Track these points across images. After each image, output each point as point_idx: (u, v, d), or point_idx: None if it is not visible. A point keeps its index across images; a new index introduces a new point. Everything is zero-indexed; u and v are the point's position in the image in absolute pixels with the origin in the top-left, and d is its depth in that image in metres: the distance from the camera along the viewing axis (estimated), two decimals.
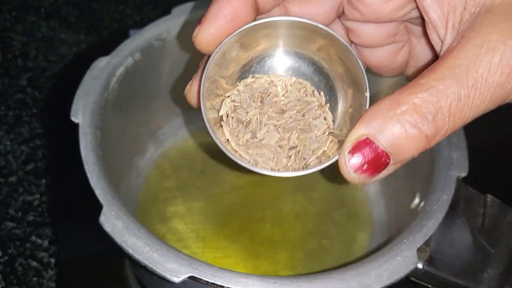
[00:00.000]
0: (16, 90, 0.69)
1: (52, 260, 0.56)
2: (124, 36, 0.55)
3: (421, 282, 0.34)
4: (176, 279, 0.26)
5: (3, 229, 0.57)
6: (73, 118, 0.32)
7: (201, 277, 0.26)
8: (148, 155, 0.44)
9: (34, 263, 0.55)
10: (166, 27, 0.39)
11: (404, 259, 0.29)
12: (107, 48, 0.39)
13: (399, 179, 0.42)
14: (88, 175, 0.30)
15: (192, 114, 0.47)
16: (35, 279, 0.54)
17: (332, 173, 0.46)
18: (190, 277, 0.26)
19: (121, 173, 0.40)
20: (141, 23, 0.76)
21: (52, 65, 0.73)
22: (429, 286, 0.34)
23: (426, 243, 0.32)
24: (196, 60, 0.43)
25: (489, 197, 0.35)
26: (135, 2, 0.74)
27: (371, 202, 0.45)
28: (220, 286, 0.26)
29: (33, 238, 0.57)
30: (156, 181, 0.43)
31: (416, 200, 0.36)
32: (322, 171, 0.25)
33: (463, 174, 0.34)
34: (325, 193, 0.45)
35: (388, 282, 0.28)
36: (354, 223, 0.43)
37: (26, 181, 0.61)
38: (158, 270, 0.26)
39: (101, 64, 0.35)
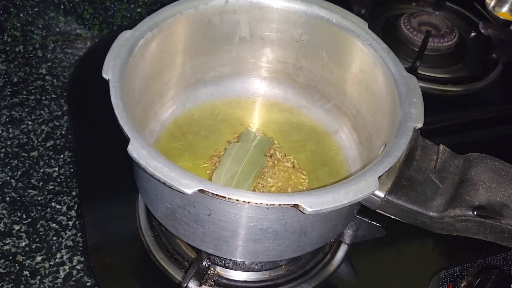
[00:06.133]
0: (36, 77, 0.77)
1: (70, 223, 0.63)
2: None
3: (385, 213, 0.41)
4: (188, 191, 0.33)
5: (27, 196, 0.64)
6: (104, 75, 0.39)
7: (208, 190, 0.34)
8: (160, 120, 0.51)
9: (54, 225, 0.62)
10: (179, 9, 0.46)
11: (367, 183, 0.36)
12: None
13: (373, 141, 0.49)
14: (118, 116, 0.37)
15: (198, 90, 0.54)
16: (55, 238, 0.61)
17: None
18: (199, 190, 0.34)
19: None
20: None
21: (68, 57, 0.80)
22: (391, 216, 0.41)
23: (388, 177, 0.39)
24: (203, 40, 0.51)
25: (442, 147, 0.43)
26: (144, 0, 0.81)
27: (349, 163, 0.52)
28: (222, 196, 0.34)
29: (53, 204, 0.64)
30: (166, 142, 0.51)
31: (382, 149, 0.43)
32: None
33: (419, 125, 0.41)
34: (310, 155, 0.52)
35: (354, 198, 0.35)
36: (334, 179, 0.51)
37: (46, 156, 0.68)
38: (174, 184, 0.34)
39: (126, 36, 0.43)
